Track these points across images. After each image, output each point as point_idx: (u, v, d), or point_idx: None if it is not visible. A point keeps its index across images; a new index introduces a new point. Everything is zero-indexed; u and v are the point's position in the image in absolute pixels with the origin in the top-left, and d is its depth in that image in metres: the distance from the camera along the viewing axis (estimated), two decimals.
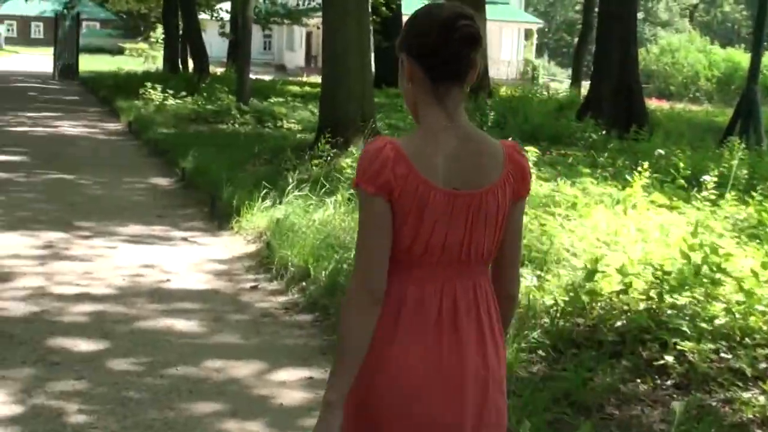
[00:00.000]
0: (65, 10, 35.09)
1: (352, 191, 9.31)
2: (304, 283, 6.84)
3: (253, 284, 7.13)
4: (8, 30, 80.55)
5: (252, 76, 23.82)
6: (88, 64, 39.32)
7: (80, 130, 17.23)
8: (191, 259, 7.79)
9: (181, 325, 6.03)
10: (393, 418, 2.34)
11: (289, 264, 7.16)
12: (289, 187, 9.09)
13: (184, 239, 8.55)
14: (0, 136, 15.45)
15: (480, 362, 2.38)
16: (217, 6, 36.04)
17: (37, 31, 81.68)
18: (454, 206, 2.33)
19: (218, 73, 30.43)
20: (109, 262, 7.50)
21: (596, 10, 28.46)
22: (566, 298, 5.81)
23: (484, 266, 2.45)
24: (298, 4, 34.94)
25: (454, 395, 2.35)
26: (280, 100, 20.63)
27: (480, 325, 2.40)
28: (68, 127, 17.63)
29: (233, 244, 8.41)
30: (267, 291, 6.96)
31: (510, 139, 3.19)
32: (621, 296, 5.86)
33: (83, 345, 5.51)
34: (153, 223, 9.11)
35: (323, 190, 9.16)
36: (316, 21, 27.93)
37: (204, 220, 9.46)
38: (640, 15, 41.12)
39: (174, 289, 6.90)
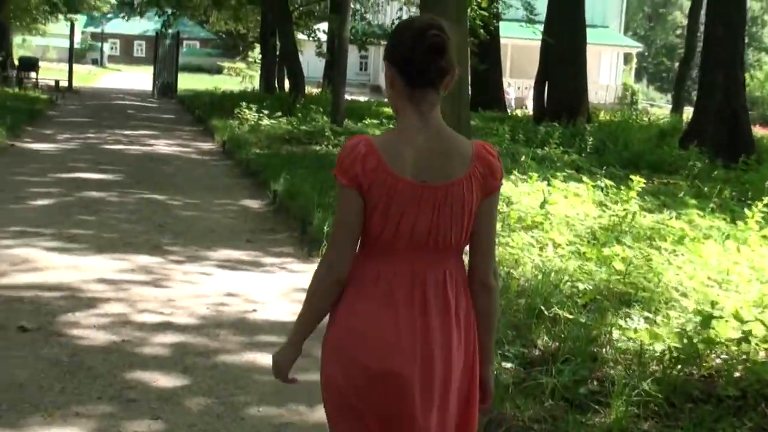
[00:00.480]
0: (163, 29, 35.58)
1: None
2: None
3: None
4: (112, 48, 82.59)
5: (347, 96, 23.74)
6: (186, 82, 39.90)
7: (174, 149, 17.26)
8: (279, 288, 7.51)
9: (265, 360, 5.71)
10: (341, 374, 2.66)
11: None
12: None
13: (273, 266, 8.29)
14: (97, 154, 15.54)
15: (444, 344, 2.62)
16: (315, 26, 36.11)
17: (139, 49, 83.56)
18: (421, 197, 2.60)
19: (314, 94, 30.44)
20: (194, 289, 7.28)
21: (700, 33, 27.69)
22: (679, 345, 5.34)
23: (455, 255, 2.70)
24: (393, 24, 34.77)
25: (411, 373, 2.59)
26: (375, 121, 20.44)
27: (447, 309, 2.64)
28: (163, 146, 17.68)
29: None
30: None
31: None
32: (741, 345, 5.38)
33: (162, 380, 5.25)
34: (241, 247, 8.88)
35: None
36: None
37: (294, 246, 9.19)
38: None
39: (260, 319, 6.62)
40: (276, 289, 7.47)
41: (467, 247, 2.75)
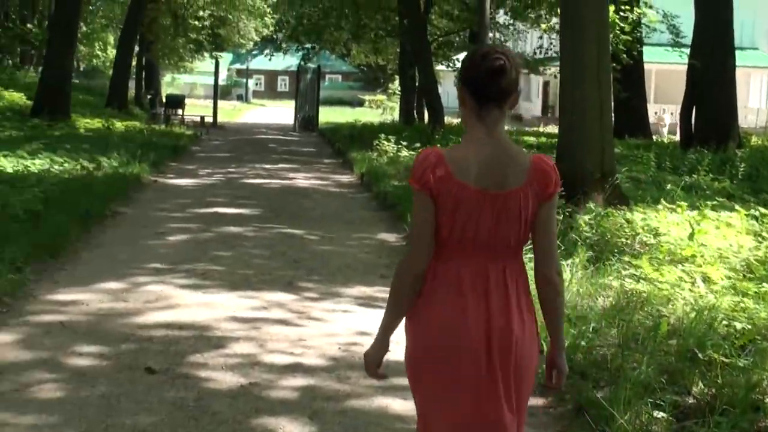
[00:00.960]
0: (302, 62, 36.10)
1: (591, 253, 8.54)
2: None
3: None
4: (257, 84, 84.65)
5: None
6: (327, 115, 40.36)
7: (313, 182, 17.26)
8: None
9: (397, 405, 5.42)
10: (425, 362, 3.04)
11: None
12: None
13: None
14: (236, 189, 15.66)
15: (504, 324, 2.98)
16: (455, 56, 35.98)
17: (282, 84, 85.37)
18: (483, 203, 2.96)
19: (453, 124, 30.22)
20: (326, 328, 7.05)
21: None
22: None
23: (513, 252, 3.05)
24: (535, 54, 34.35)
25: (478, 345, 2.97)
26: None
27: (507, 297, 3.00)
28: (302, 179, 17.72)
29: None
30: None
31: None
32: None
33: (289, 427, 5.00)
34: (375, 283, 8.61)
35: (560, 250, 8.41)
36: (553, 70, 27.16)
37: None
38: None
39: (392, 361, 6.21)
40: None
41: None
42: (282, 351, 6.38)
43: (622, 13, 22.57)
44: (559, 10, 14.48)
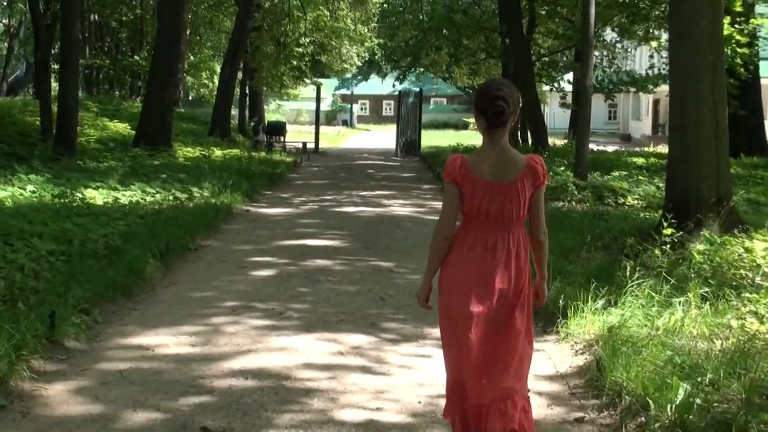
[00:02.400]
0: (397, 82, 35.73)
1: (706, 289, 7.66)
2: (642, 419, 5.31)
3: (579, 414, 5.69)
4: (362, 109, 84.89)
5: (594, 146, 22.48)
6: (431, 139, 39.84)
7: (408, 210, 16.60)
8: None
9: None
10: (453, 287, 4.44)
11: (623, 390, 5.66)
12: (629, 285, 7.57)
13: None
14: (328, 218, 15.12)
15: (505, 276, 4.40)
16: (560, 76, 35.01)
17: (387, 108, 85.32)
18: (492, 190, 4.37)
19: (558, 145, 29.29)
20: (408, 376, 6.36)
21: None
22: None
23: (516, 224, 4.44)
24: (647, 73, 33.18)
25: (487, 283, 4.38)
26: (623, 173, 19.07)
27: (509, 256, 4.41)
28: (397, 207, 17.09)
29: (559, 354, 6.99)
30: (597, 425, 5.50)
31: None
32: None
33: None
34: None
35: (669, 285, 7.57)
36: (664, 88, 26.06)
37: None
38: None
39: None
40: None
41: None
42: (357, 405, 5.71)
43: (737, 25, 21.36)
44: (668, 25, 13.58)
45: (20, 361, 5.99)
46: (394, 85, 36.48)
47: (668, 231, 9.32)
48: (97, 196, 14.08)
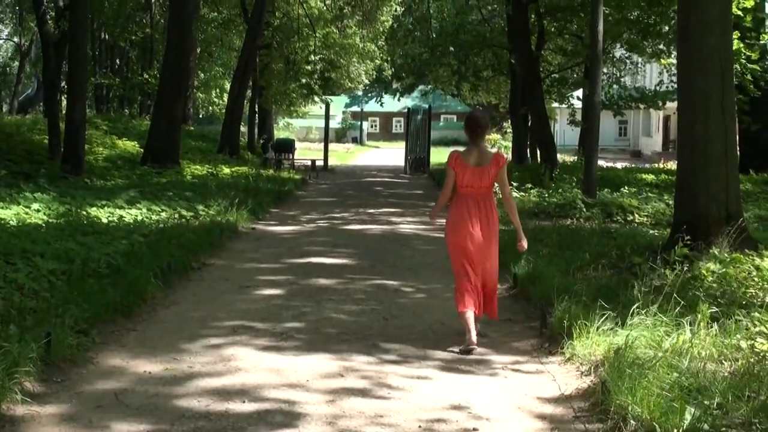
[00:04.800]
0: (399, 98, 35.72)
1: (714, 308, 7.50)
2: None
3: None
4: (372, 126, 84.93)
5: (604, 163, 22.31)
6: (440, 156, 39.63)
7: (415, 227, 16.47)
8: (511, 396, 6.33)
9: None
10: (453, 231, 7.81)
11: (629, 414, 5.51)
12: (636, 305, 7.42)
13: (504, 367, 7.12)
14: (335, 236, 15.01)
15: (484, 223, 7.71)
16: (570, 93, 34.87)
17: (397, 126, 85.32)
18: (475, 172, 7.66)
19: (567, 162, 29.15)
20: (408, 399, 6.21)
21: None
22: None
23: (488, 193, 7.78)
24: (656, 89, 33.05)
25: (472, 231, 7.68)
26: (632, 190, 18.92)
27: (486, 212, 7.73)
28: (404, 224, 16.98)
29: (563, 375, 6.85)
30: None
31: None
32: None
33: None
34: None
35: (678, 306, 7.41)
36: (675, 105, 25.92)
37: (531, 340, 8.00)
38: None
39: None
40: (506, 397, 6.31)
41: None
42: (354, 430, 5.58)
43: (747, 41, 21.20)
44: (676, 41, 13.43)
45: (13, 383, 5.87)
46: (399, 99, 36.39)
47: (682, 251, 9.18)
48: (101, 214, 13.99)
